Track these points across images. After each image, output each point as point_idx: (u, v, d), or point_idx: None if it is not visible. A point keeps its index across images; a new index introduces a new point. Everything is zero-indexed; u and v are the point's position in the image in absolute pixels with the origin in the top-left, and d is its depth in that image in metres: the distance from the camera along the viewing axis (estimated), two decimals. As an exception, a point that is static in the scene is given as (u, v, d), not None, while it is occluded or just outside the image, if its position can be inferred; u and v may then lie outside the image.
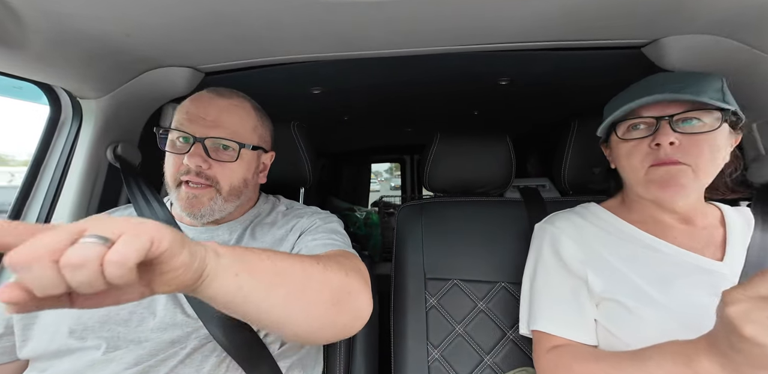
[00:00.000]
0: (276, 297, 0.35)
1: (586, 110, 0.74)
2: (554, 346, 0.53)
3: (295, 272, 0.38)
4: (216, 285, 0.30)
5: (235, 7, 0.51)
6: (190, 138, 0.54)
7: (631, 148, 0.53)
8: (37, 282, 0.20)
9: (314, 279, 0.39)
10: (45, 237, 0.21)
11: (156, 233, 0.25)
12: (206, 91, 0.59)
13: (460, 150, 0.82)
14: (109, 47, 0.60)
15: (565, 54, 0.70)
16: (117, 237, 0.23)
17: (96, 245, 0.21)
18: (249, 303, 0.33)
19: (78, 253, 0.21)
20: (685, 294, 0.48)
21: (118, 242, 0.22)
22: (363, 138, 1.93)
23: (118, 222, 0.24)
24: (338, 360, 0.66)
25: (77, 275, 0.21)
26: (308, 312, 0.38)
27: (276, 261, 0.36)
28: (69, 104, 0.74)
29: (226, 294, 0.31)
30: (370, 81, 0.94)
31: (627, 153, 0.54)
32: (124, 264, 0.22)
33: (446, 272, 0.75)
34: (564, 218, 0.61)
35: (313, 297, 0.38)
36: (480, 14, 0.54)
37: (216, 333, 0.48)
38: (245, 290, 0.32)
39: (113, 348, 0.46)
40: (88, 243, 0.21)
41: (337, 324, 0.41)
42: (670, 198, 0.52)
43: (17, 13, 0.48)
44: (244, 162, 0.58)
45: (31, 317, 0.49)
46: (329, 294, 0.40)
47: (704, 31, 0.58)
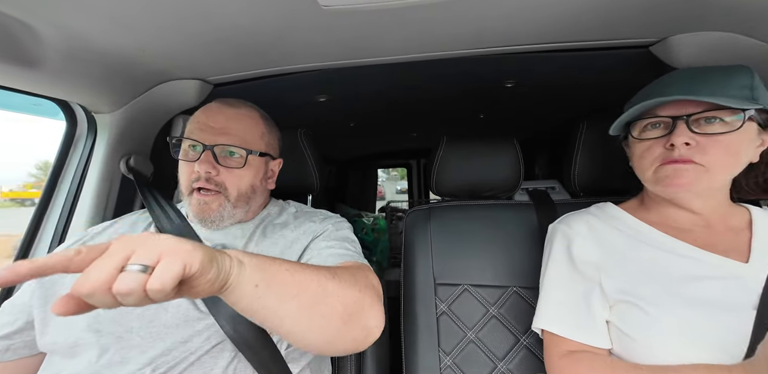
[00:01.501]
0: (291, 309, 0.37)
1: (594, 110, 0.73)
2: (569, 351, 0.51)
3: (311, 285, 0.39)
4: (237, 293, 0.33)
5: (243, 20, 0.52)
6: (199, 146, 0.56)
7: (646, 148, 0.52)
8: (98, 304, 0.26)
9: (329, 294, 0.40)
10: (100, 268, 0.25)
11: (188, 258, 0.28)
12: (216, 102, 0.61)
13: (466, 153, 0.82)
14: (122, 62, 0.62)
15: (571, 55, 0.70)
16: (156, 264, 0.27)
17: (138, 275, 0.26)
18: (266, 311, 0.36)
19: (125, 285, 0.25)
20: (705, 296, 0.46)
21: (157, 270, 0.26)
22: (369, 144, 1.94)
23: (156, 247, 0.27)
24: (349, 367, 0.65)
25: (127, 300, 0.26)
26: (320, 326, 0.39)
27: (294, 273, 0.38)
28: (84, 118, 0.77)
29: (246, 302, 0.34)
30: (376, 87, 0.95)
31: (640, 153, 0.53)
32: (163, 291, 0.26)
33: (456, 278, 0.74)
34: (578, 218, 0.60)
35: (327, 311, 0.40)
36: (485, 18, 0.55)
37: (227, 328, 0.49)
38: (263, 300, 0.34)
39: (127, 343, 0.47)
40: (133, 273, 0.25)
41: (347, 339, 0.42)
42: (675, 194, 0.51)
43: (37, 32, 0.50)
44: (251, 168, 0.59)
45: (50, 311, 0.51)
46: (342, 309, 0.41)
47: (717, 28, 0.57)
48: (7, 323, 0.51)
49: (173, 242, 0.29)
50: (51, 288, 0.52)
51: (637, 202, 0.61)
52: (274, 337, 0.52)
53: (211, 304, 0.51)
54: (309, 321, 0.38)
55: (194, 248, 0.29)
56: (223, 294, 0.33)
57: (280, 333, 0.40)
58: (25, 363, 0.51)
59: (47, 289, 0.52)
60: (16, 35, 0.49)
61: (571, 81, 0.91)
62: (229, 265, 0.33)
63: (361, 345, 0.43)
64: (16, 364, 0.50)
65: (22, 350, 0.51)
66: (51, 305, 0.50)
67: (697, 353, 0.43)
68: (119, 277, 0.25)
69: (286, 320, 0.37)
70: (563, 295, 0.55)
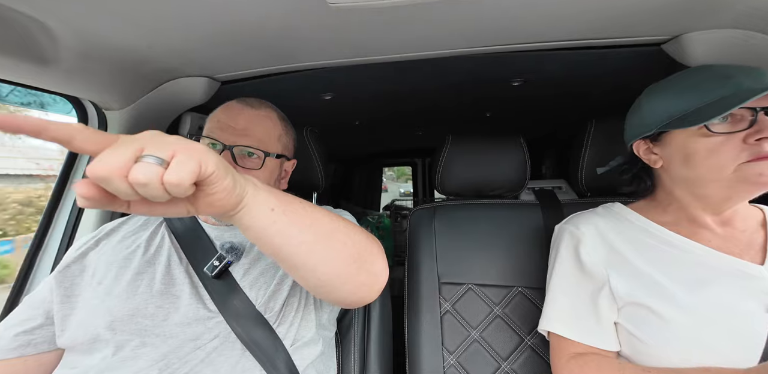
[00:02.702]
0: (305, 238, 0.37)
1: (602, 109, 0.72)
2: (576, 354, 0.51)
3: (323, 219, 0.39)
4: (252, 214, 0.32)
5: (251, 18, 0.52)
6: (219, 145, 0.56)
7: (718, 144, 0.46)
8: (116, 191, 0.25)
9: (340, 231, 0.41)
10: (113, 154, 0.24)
11: (203, 156, 0.27)
12: (236, 102, 0.61)
13: (472, 152, 0.81)
14: (132, 59, 0.63)
15: (581, 53, 0.69)
16: (170, 158, 0.26)
17: (154, 166, 0.24)
18: (280, 238, 0.35)
19: (142, 173, 0.24)
20: (719, 298, 0.45)
21: (172, 164, 0.25)
22: (374, 142, 1.94)
23: (169, 143, 0.27)
24: (353, 366, 0.66)
25: (146, 190, 0.25)
26: (332, 261, 0.39)
27: (307, 206, 0.39)
28: (95, 115, 0.78)
29: (261, 225, 0.33)
30: (382, 86, 0.95)
31: (710, 150, 0.47)
32: (181, 185, 0.26)
33: (460, 277, 0.74)
34: (585, 218, 0.59)
35: (338, 247, 0.40)
36: (493, 16, 0.54)
37: (235, 327, 0.50)
38: (278, 225, 0.34)
39: (141, 341, 0.49)
40: (149, 164, 0.24)
41: (356, 280, 0.42)
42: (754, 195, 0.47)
43: (52, 31, 0.51)
44: (267, 170, 0.60)
45: (69, 308, 0.52)
46: (353, 248, 0.41)
47: (732, 25, 0.56)
48: (29, 318, 0.53)
49: (184, 140, 0.28)
50: (70, 288, 0.53)
51: (648, 202, 0.59)
52: (279, 332, 0.53)
53: (221, 304, 0.52)
54: (322, 254, 0.38)
55: (208, 149, 0.28)
56: (238, 215, 0.32)
57: (293, 265, 0.39)
58: (44, 357, 0.52)
59: (66, 289, 0.53)
60: (32, 34, 0.50)
61: (580, 80, 0.90)
62: (244, 182, 0.32)
63: (368, 291, 0.44)
64: (36, 358, 0.52)
65: (41, 345, 0.52)
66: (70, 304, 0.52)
67: (710, 356, 0.42)
68: (135, 166, 0.24)
69: (301, 248, 0.37)
70: (570, 297, 0.55)
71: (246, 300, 0.53)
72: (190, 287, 0.53)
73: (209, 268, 0.54)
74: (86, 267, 0.56)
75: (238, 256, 0.57)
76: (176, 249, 0.57)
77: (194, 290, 0.53)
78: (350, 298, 0.44)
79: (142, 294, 0.51)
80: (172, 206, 0.29)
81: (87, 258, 0.57)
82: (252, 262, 0.57)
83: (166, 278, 0.54)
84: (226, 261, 0.55)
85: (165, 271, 0.54)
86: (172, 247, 0.58)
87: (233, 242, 0.58)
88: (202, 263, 0.55)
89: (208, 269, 0.54)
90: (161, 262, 0.55)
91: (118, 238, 0.59)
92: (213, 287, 0.53)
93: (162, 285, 0.53)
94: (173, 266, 0.55)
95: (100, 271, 0.54)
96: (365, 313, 0.70)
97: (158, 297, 0.52)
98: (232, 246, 0.57)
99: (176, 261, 0.56)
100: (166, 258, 0.56)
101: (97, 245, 0.58)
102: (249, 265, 0.57)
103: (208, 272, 0.54)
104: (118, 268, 0.54)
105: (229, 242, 0.58)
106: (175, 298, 0.52)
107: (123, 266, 0.54)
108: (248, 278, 0.55)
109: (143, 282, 0.53)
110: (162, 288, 0.53)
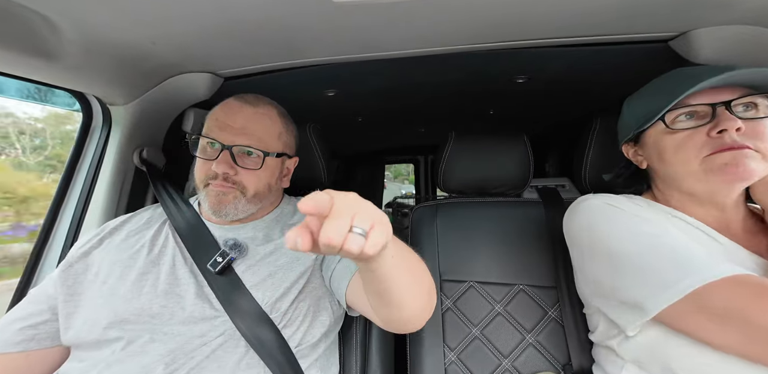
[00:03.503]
0: (407, 280, 0.43)
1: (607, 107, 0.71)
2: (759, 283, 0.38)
3: (414, 260, 0.46)
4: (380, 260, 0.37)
5: (254, 14, 0.52)
6: (217, 145, 0.56)
7: (683, 139, 0.48)
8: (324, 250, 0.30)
9: (423, 269, 0.47)
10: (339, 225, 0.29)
11: (388, 229, 0.32)
12: (235, 99, 0.60)
13: (475, 150, 0.81)
14: (136, 55, 0.63)
15: (586, 50, 0.68)
16: (371, 229, 0.31)
17: (361, 239, 0.30)
18: (390, 280, 0.40)
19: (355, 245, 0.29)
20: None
21: (372, 237, 0.30)
22: (377, 139, 1.94)
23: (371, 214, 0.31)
24: (354, 362, 0.66)
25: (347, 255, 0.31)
26: (418, 299, 0.45)
27: (406, 248, 0.44)
28: (99, 110, 0.78)
29: (382, 270, 0.38)
30: (384, 82, 0.95)
31: (677, 145, 0.48)
32: (376, 254, 0.31)
33: (462, 275, 0.74)
34: (602, 194, 0.57)
35: (422, 285, 0.46)
36: (497, 12, 0.53)
37: (240, 326, 0.51)
38: (394, 269, 0.39)
39: (148, 337, 0.49)
40: (358, 237, 0.30)
41: (428, 310, 0.48)
42: (732, 185, 0.46)
43: (56, 26, 0.51)
44: (268, 169, 0.60)
45: (74, 306, 0.52)
46: (428, 284, 0.47)
47: (741, 21, 0.55)
48: (34, 312, 0.53)
49: (378, 212, 0.33)
50: (73, 287, 0.54)
51: (649, 198, 0.58)
52: (285, 334, 0.53)
53: (226, 302, 0.52)
54: (413, 292, 0.44)
55: (387, 219, 0.33)
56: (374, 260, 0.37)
57: (390, 303, 0.44)
58: (46, 353, 0.53)
59: (69, 287, 0.54)
60: (37, 29, 0.50)
61: (585, 77, 0.89)
62: None
63: (429, 316, 0.50)
64: (38, 355, 0.52)
65: (45, 341, 0.52)
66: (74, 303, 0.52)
67: None
68: (349, 238, 0.29)
69: (401, 290, 0.42)
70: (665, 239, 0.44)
71: (251, 299, 0.53)
72: (195, 286, 0.54)
73: (212, 264, 0.54)
74: (90, 266, 0.56)
75: (241, 253, 0.57)
76: (180, 248, 0.58)
77: (199, 289, 0.54)
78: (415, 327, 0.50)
79: (146, 293, 0.52)
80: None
81: (91, 257, 0.57)
82: (258, 262, 0.57)
83: (170, 278, 0.54)
84: (229, 257, 0.55)
85: (170, 271, 0.55)
86: (177, 246, 0.58)
87: (236, 239, 0.58)
88: (206, 260, 0.55)
89: (211, 265, 0.54)
90: (166, 262, 0.56)
91: (122, 236, 0.59)
92: (217, 285, 0.54)
93: (167, 284, 0.53)
94: (178, 265, 0.56)
95: (104, 270, 0.55)
96: (367, 309, 0.70)
97: (163, 296, 0.52)
98: (235, 243, 0.58)
99: (181, 261, 0.56)
100: (170, 258, 0.56)
101: (100, 244, 0.58)
102: (255, 264, 0.57)
103: (212, 268, 0.54)
104: (123, 268, 0.54)
105: (232, 239, 0.58)
106: (180, 298, 0.52)
107: (127, 266, 0.55)
108: (254, 278, 0.55)
109: (148, 281, 0.53)
110: (167, 287, 0.53)
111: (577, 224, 0.55)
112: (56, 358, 0.53)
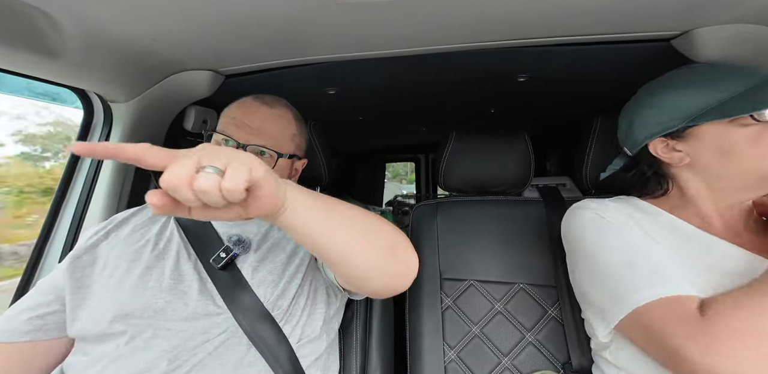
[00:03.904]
0: (343, 234, 0.40)
1: (609, 105, 0.71)
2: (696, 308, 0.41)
3: (358, 215, 0.42)
4: (291, 214, 0.35)
5: (255, 11, 0.52)
6: (232, 142, 0.56)
7: (758, 132, 0.45)
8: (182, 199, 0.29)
9: (374, 225, 0.44)
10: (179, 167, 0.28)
11: (252, 164, 0.30)
12: (252, 99, 0.61)
13: (476, 148, 0.81)
14: (137, 52, 0.63)
15: (588, 49, 0.68)
16: (225, 167, 0.29)
17: (213, 175, 0.28)
18: (319, 235, 0.38)
19: (204, 183, 0.28)
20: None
21: (228, 172, 0.29)
22: (377, 137, 1.94)
23: (223, 154, 0.30)
24: (354, 360, 0.67)
25: (207, 197, 0.29)
26: (369, 253, 0.42)
27: (342, 204, 0.42)
28: (101, 108, 0.78)
29: (300, 223, 0.36)
30: (385, 80, 0.94)
31: (753, 139, 0.45)
32: (236, 190, 0.29)
33: (462, 273, 0.74)
34: (598, 201, 0.56)
35: (374, 240, 0.42)
36: (499, 10, 0.53)
37: (242, 323, 0.51)
38: (317, 223, 0.37)
39: (152, 333, 0.50)
40: (209, 174, 0.28)
41: (390, 270, 0.44)
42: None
43: (58, 23, 0.51)
44: (279, 169, 0.60)
45: (80, 299, 0.53)
46: (387, 241, 0.44)
47: (744, 20, 0.55)
48: (43, 303, 0.53)
49: (234, 151, 0.31)
50: (80, 279, 0.54)
51: (666, 199, 0.55)
52: (285, 330, 0.53)
53: (229, 299, 0.52)
54: (361, 247, 0.41)
55: (255, 157, 0.32)
56: (281, 216, 0.35)
57: (333, 259, 0.42)
58: (53, 344, 0.53)
59: (77, 280, 0.54)
60: (39, 26, 0.50)
61: (586, 75, 0.89)
62: (284, 186, 0.35)
63: (402, 280, 0.46)
64: (45, 345, 0.52)
65: (52, 332, 0.53)
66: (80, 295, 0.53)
67: None
68: (198, 176, 0.28)
69: (340, 243, 0.39)
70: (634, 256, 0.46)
71: (254, 297, 0.53)
72: (198, 283, 0.54)
73: (216, 259, 0.55)
74: (97, 259, 0.56)
75: (245, 249, 0.57)
76: (185, 244, 0.58)
77: (203, 286, 0.54)
78: (385, 288, 0.46)
79: (151, 288, 0.52)
80: (226, 210, 0.32)
81: (98, 249, 0.57)
82: (260, 259, 0.57)
83: (174, 273, 0.54)
84: (233, 253, 0.55)
85: (174, 266, 0.55)
86: (181, 242, 0.58)
87: (240, 235, 0.59)
88: (209, 255, 0.55)
89: (214, 260, 0.55)
90: (170, 257, 0.56)
91: (127, 230, 0.60)
92: (221, 281, 0.54)
93: (171, 280, 0.53)
94: (182, 261, 0.56)
95: (111, 263, 0.55)
96: (367, 308, 0.71)
97: (167, 292, 0.52)
98: (239, 239, 0.58)
99: (185, 257, 0.56)
100: (175, 253, 0.56)
101: (107, 237, 0.59)
102: (257, 262, 0.57)
103: (215, 264, 0.54)
104: (129, 262, 0.55)
105: (236, 235, 0.58)
106: (184, 294, 0.53)
107: (133, 260, 0.55)
108: (257, 275, 0.56)
109: (153, 276, 0.53)
110: (171, 283, 0.53)
111: (571, 233, 0.56)
112: (63, 349, 0.54)
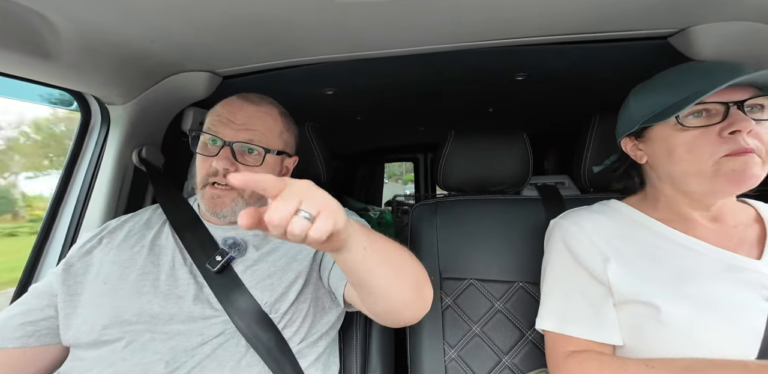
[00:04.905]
0: (385, 271, 0.43)
1: (606, 104, 0.71)
2: (573, 351, 0.51)
3: (397, 253, 0.45)
4: (348, 253, 0.38)
5: (253, 12, 0.52)
6: (219, 140, 0.56)
7: (696, 138, 0.47)
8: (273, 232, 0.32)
9: (408, 263, 0.47)
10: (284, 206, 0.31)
11: (338, 216, 0.33)
12: (237, 98, 0.61)
13: (474, 148, 0.81)
14: (134, 54, 0.63)
15: (585, 47, 0.68)
16: (317, 214, 0.31)
17: (306, 222, 0.31)
18: (367, 271, 0.41)
19: (298, 228, 0.31)
20: (716, 292, 0.45)
21: (318, 222, 0.31)
22: (376, 138, 1.94)
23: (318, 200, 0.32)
24: (354, 360, 0.67)
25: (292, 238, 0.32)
26: (402, 290, 0.45)
27: (387, 242, 0.45)
28: (98, 110, 0.78)
29: (352, 262, 0.39)
30: (383, 80, 0.94)
31: (689, 143, 0.47)
32: (320, 240, 0.32)
33: (462, 272, 0.74)
34: (580, 214, 0.59)
35: (407, 278, 0.46)
36: (496, 9, 0.53)
37: (240, 325, 0.51)
38: (367, 262, 0.40)
39: (146, 340, 0.49)
40: (303, 220, 0.31)
41: (416, 305, 0.48)
42: (733, 191, 0.48)
43: (54, 25, 0.51)
44: (268, 166, 0.60)
45: (72, 307, 0.53)
46: (415, 278, 0.47)
47: (741, 17, 0.55)
48: (36, 308, 0.53)
49: (329, 199, 0.34)
50: (73, 287, 0.54)
51: (640, 199, 0.59)
52: (285, 334, 0.53)
53: (225, 302, 0.52)
54: (396, 284, 0.44)
55: (340, 207, 0.34)
56: (339, 252, 0.37)
57: (371, 293, 0.45)
58: (44, 350, 0.52)
59: (69, 287, 0.54)
60: (35, 28, 0.50)
61: (584, 74, 0.89)
62: (351, 227, 0.37)
63: (421, 313, 0.50)
64: (36, 352, 0.52)
65: (44, 337, 0.52)
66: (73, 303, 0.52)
67: (708, 350, 0.43)
68: (294, 220, 0.30)
69: (381, 280, 0.42)
70: (565, 291, 0.54)
71: (250, 298, 0.53)
72: (194, 287, 0.54)
73: (211, 263, 0.55)
74: (90, 266, 0.56)
75: (240, 252, 0.57)
76: (180, 249, 0.58)
77: (199, 290, 0.54)
78: (408, 320, 0.50)
79: (146, 294, 0.52)
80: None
81: (91, 256, 0.57)
82: (256, 261, 0.57)
83: (170, 279, 0.54)
84: (229, 256, 0.55)
85: (169, 272, 0.55)
86: (176, 247, 0.58)
87: (235, 238, 0.58)
88: (205, 259, 0.55)
89: (210, 264, 0.55)
90: (165, 262, 0.56)
91: (121, 236, 0.59)
92: (217, 284, 0.54)
93: (166, 285, 0.53)
94: (177, 266, 0.56)
95: (104, 270, 0.55)
96: (367, 307, 0.71)
97: (162, 297, 0.52)
98: (234, 242, 0.58)
99: (180, 261, 0.56)
100: (170, 258, 0.56)
101: (100, 243, 0.59)
102: (254, 264, 0.57)
103: (210, 267, 0.54)
104: (123, 268, 0.54)
105: (231, 238, 0.58)
106: (180, 299, 0.53)
107: (128, 267, 0.55)
108: (254, 278, 0.55)
109: (148, 282, 0.53)
110: (166, 288, 0.53)
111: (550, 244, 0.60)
112: (55, 356, 0.53)
